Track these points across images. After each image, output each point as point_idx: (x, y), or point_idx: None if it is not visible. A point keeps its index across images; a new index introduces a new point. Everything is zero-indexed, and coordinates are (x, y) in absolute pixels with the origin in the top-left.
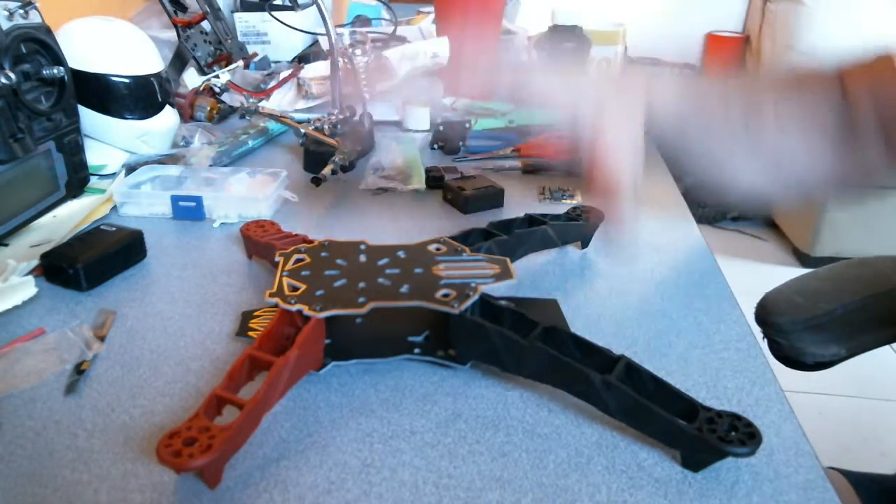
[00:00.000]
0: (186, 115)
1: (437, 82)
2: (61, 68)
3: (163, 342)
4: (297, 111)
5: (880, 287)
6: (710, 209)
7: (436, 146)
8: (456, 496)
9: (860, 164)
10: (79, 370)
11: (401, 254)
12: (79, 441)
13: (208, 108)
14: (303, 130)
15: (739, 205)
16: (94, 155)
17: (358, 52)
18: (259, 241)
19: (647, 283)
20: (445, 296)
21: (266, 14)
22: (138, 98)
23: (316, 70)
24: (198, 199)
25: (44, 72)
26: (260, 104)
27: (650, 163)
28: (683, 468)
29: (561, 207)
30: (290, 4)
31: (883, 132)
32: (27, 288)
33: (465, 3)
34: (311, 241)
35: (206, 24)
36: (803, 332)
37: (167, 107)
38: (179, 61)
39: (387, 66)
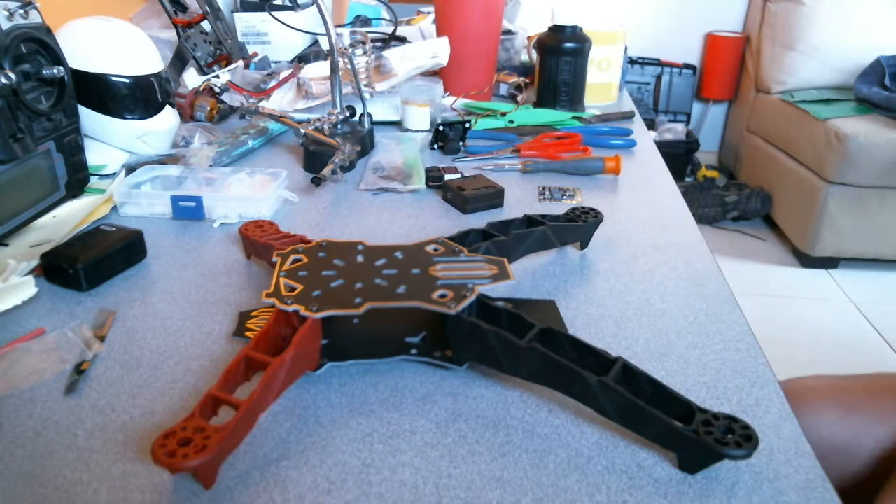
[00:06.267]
0: (186, 115)
1: (437, 82)
2: (61, 68)
3: (163, 342)
4: (297, 111)
5: None
6: (710, 209)
7: (436, 146)
8: (456, 496)
9: None
10: (79, 370)
11: (398, 254)
12: (79, 441)
13: (208, 108)
14: (303, 130)
15: None
16: (94, 155)
17: (358, 52)
18: (257, 242)
19: (647, 283)
20: (442, 296)
21: (266, 14)
22: (138, 98)
23: (316, 70)
24: (198, 199)
25: (44, 72)
26: (260, 104)
27: (650, 164)
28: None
29: (561, 208)
30: (290, 4)
31: None
32: (27, 288)
33: (465, 3)
34: (308, 242)
35: (206, 24)
36: None
37: (167, 107)
38: (179, 61)
39: (387, 66)
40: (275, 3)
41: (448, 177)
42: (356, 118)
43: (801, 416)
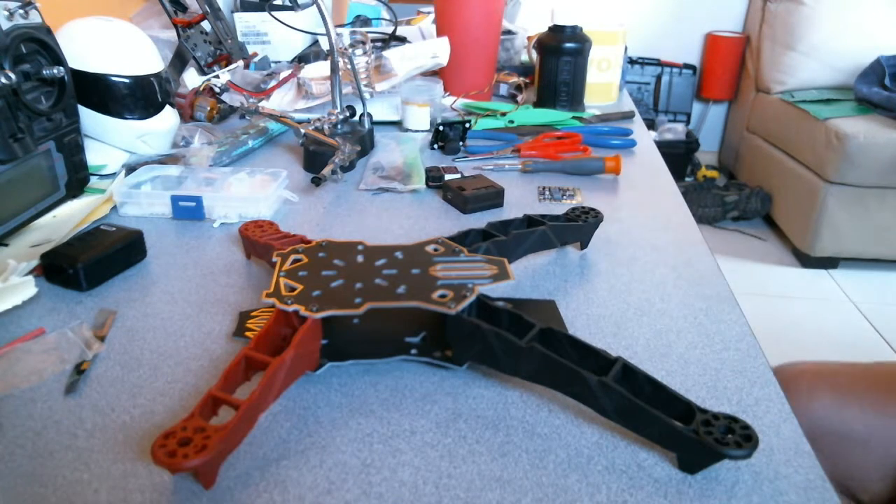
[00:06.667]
0: (186, 115)
1: (437, 82)
2: (61, 68)
3: (163, 342)
4: (297, 111)
5: None
6: (710, 209)
7: (436, 146)
8: (456, 496)
9: None
10: (79, 370)
11: (398, 254)
12: (79, 441)
13: (208, 108)
14: (303, 130)
15: None
16: (94, 155)
17: (358, 52)
18: (257, 242)
19: (647, 283)
20: (442, 296)
21: (266, 14)
22: (138, 98)
23: (316, 70)
24: (198, 199)
25: (44, 72)
26: (260, 104)
27: (650, 164)
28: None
29: (561, 208)
30: (290, 4)
31: None
32: (27, 288)
33: (465, 3)
34: (309, 242)
35: (206, 24)
36: None
37: (167, 107)
38: (179, 61)
39: (387, 66)
40: (275, 3)
41: (448, 177)
42: (356, 118)
43: (794, 400)
